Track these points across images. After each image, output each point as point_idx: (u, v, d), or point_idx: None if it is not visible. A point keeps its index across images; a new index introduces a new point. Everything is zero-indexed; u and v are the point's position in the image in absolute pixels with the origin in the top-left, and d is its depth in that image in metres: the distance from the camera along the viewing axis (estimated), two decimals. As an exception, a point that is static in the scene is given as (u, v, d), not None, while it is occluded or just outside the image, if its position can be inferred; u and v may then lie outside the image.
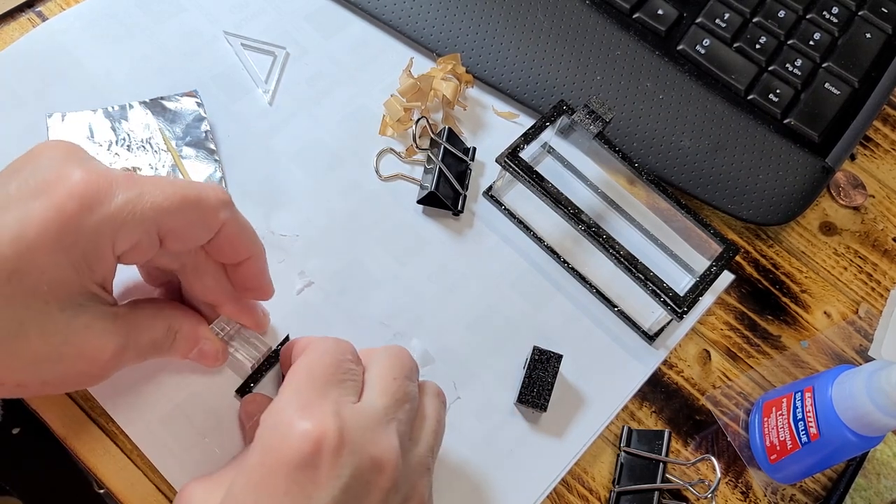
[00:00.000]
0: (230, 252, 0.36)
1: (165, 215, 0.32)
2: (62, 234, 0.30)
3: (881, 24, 0.57)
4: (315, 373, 0.33)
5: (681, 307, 0.43)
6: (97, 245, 0.31)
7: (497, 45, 0.53)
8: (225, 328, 0.39)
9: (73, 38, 0.49)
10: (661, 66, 0.53)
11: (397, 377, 0.35)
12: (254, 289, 0.39)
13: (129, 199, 0.31)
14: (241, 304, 0.39)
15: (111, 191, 0.31)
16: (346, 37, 0.53)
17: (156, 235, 0.33)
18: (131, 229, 0.32)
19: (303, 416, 0.31)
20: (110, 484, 0.39)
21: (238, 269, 0.37)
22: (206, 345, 0.38)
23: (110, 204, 0.31)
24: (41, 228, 0.30)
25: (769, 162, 0.52)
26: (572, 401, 0.45)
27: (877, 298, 0.52)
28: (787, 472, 0.44)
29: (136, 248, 0.33)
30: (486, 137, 0.52)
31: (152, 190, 0.32)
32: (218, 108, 0.49)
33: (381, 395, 0.34)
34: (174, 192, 0.33)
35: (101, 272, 0.32)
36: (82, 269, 0.31)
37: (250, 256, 0.37)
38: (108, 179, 0.31)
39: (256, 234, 0.37)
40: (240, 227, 0.36)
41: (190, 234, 0.34)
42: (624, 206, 0.50)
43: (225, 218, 0.35)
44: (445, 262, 0.47)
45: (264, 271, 0.39)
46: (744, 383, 0.48)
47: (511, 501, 0.42)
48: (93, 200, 0.31)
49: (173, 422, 0.40)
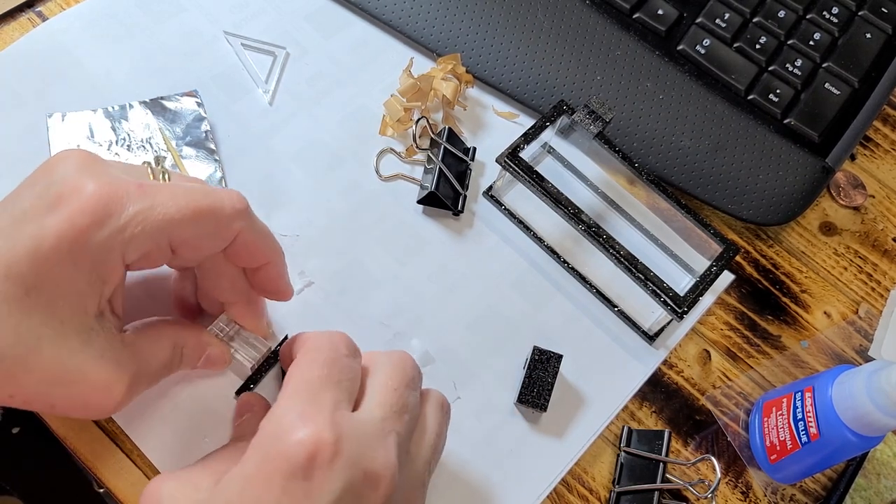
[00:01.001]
0: (247, 258, 0.36)
1: (177, 227, 0.32)
2: (75, 249, 0.30)
3: (881, 24, 0.57)
4: (311, 375, 0.33)
5: (681, 307, 0.43)
6: (108, 258, 0.31)
7: (497, 45, 0.53)
8: (224, 329, 0.39)
9: (73, 38, 0.49)
10: (661, 66, 0.53)
11: (398, 387, 0.34)
12: (273, 291, 0.39)
13: (139, 210, 0.31)
14: (252, 306, 0.39)
15: (122, 203, 0.31)
16: (346, 37, 0.53)
17: (167, 245, 0.33)
18: (141, 242, 0.32)
19: (299, 424, 0.30)
20: (110, 483, 0.39)
21: (257, 273, 0.38)
22: (212, 351, 0.38)
23: (120, 217, 0.31)
24: (55, 244, 0.30)
25: (769, 162, 0.52)
26: (572, 401, 0.45)
27: (877, 298, 0.52)
28: (787, 472, 0.44)
29: (146, 258, 0.33)
30: (486, 137, 0.52)
31: (165, 201, 0.32)
32: (218, 108, 0.49)
33: (380, 405, 0.33)
34: (187, 203, 0.32)
35: (112, 283, 0.32)
36: (95, 283, 0.31)
37: (269, 262, 0.37)
38: (120, 191, 0.31)
39: (274, 238, 0.37)
40: (256, 234, 0.36)
41: (203, 244, 0.34)
42: (624, 206, 0.50)
43: (239, 227, 0.34)
44: (445, 262, 0.47)
45: (283, 275, 0.39)
46: (744, 383, 0.48)
47: (511, 501, 0.42)
48: (104, 214, 0.31)
49: (173, 422, 0.40)
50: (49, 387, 0.31)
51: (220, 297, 0.38)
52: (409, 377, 0.35)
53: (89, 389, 0.32)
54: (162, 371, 0.36)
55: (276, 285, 0.39)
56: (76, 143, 0.45)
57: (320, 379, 0.33)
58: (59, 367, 0.31)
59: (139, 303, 0.39)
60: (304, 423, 0.30)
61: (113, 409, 0.33)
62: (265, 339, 0.41)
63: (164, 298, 0.41)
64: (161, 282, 0.41)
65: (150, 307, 0.39)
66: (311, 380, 0.33)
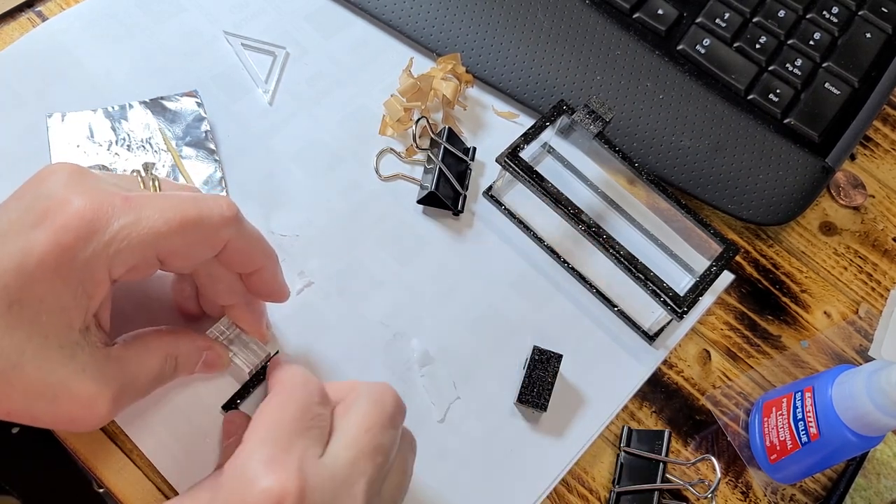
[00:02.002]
0: (240, 264, 0.36)
1: (163, 239, 0.32)
2: (60, 264, 0.30)
3: (881, 24, 0.57)
4: (281, 421, 0.33)
5: (681, 307, 0.43)
6: (93, 273, 0.31)
7: (497, 45, 0.53)
8: (225, 332, 0.39)
9: (73, 38, 0.49)
10: (661, 65, 0.53)
11: (371, 427, 0.33)
12: (268, 294, 0.39)
13: (124, 225, 0.31)
14: (251, 309, 0.39)
15: (108, 219, 0.31)
16: (346, 37, 0.53)
17: (154, 257, 0.33)
18: (127, 256, 0.31)
19: (266, 472, 0.30)
20: (110, 483, 0.39)
21: (251, 277, 0.37)
22: (210, 354, 0.38)
23: (105, 233, 0.31)
24: (40, 259, 0.30)
25: (769, 162, 0.52)
26: (572, 401, 0.45)
27: (877, 298, 0.52)
28: (787, 472, 0.44)
29: (133, 271, 0.32)
30: (486, 137, 0.52)
31: (151, 214, 0.32)
32: (218, 108, 0.49)
33: (349, 447, 0.33)
34: (174, 215, 0.32)
35: (98, 298, 0.32)
36: (80, 298, 0.31)
37: (261, 267, 0.37)
38: (105, 206, 0.31)
39: (266, 243, 0.37)
40: (246, 241, 0.35)
41: (192, 254, 0.34)
42: (624, 206, 0.50)
43: (229, 235, 0.34)
44: (445, 262, 0.47)
45: (276, 278, 0.38)
46: (744, 383, 0.48)
47: (511, 501, 0.42)
48: (88, 231, 0.30)
49: (173, 422, 0.40)
50: (32, 401, 0.31)
51: (219, 300, 0.38)
52: (388, 415, 0.34)
53: (72, 404, 0.32)
54: (153, 383, 0.36)
55: (271, 288, 0.38)
56: (76, 143, 0.45)
57: (291, 424, 0.32)
58: (42, 381, 0.31)
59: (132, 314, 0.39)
60: (270, 471, 0.30)
61: (98, 423, 0.33)
62: (264, 344, 0.40)
63: (160, 307, 0.41)
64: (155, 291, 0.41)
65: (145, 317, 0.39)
66: (282, 423, 0.32)
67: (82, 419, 0.33)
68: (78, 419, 0.32)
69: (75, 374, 0.31)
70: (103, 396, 0.32)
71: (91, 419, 0.33)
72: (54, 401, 0.31)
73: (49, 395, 0.31)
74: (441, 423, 0.43)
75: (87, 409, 0.32)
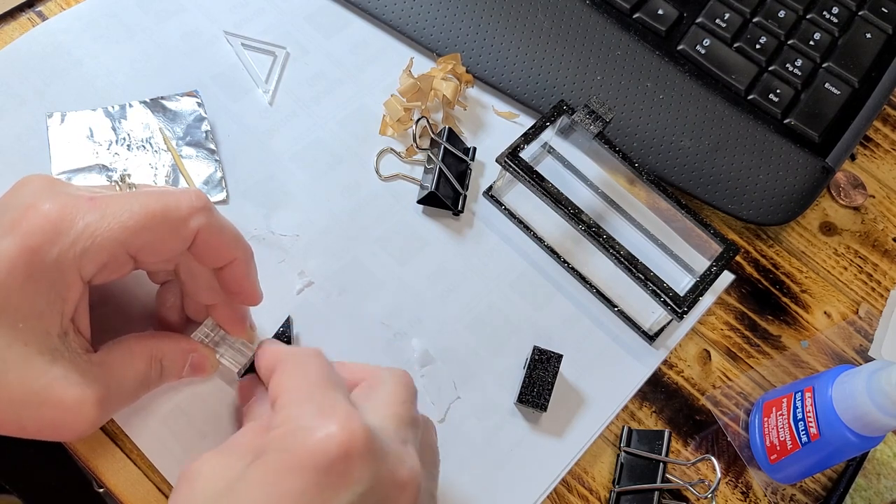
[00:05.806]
0: (212, 257, 0.35)
1: (130, 234, 0.32)
2: (30, 269, 0.30)
3: (881, 24, 0.57)
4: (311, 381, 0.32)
5: (681, 307, 0.43)
6: (64, 274, 0.31)
7: (497, 45, 0.53)
8: (209, 334, 0.39)
9: (73, 38, 0.49)
10: (661, 66, 0.53)
11: (405, 401, 0.34)
12: (239, 293, 0.37)
13: (89, 223, 0.31)
14: (233, 309, 0.39)
15: (73, 218, 0.31)
16: (346, 37, 0.53)
17: (125, 254, 0.32)
18: (95, 254, 0.31)
19: (323, 420, 0.30)
20: (110, 483, 0.39)
21: (223, 273, 0.37)
22: (195, 358, 0.38)
23: (70, 232, 0.31)
24: (10, 266, 0.30)
25: (769, 162, 0.52)
26: (572, 401, 0.45)
27: (877, 298, 0.52)
28: (787, 472, 0.44)
29: (105, 270, 0.32)
30: (486, 137, 0.52)
31: (116, 210, 0.32)
32: (218, 108, 0.49)
33: (392, 417, 0.33)
34: (139, 209, 0.32)
35: (72, 301, 0.32)
36: (54, 302, 0.31)
37: (234, 259, 0.36)
38: (69, 207, 0.31)
39: (241, 236, 0.36)
40: (217, 231, 0.35)
41: (162, 248, 0.33)
42: (624, 206, 0.50)
43: (198, 225, 0.34)
44: (445, 262, 0.47)
45: (249, 275, 0.37)
46: (744, 383, 0.48)
47: (511, 501, 0.42)
48: (55, 231, 0.31)
49: (173, 421, 0.40)
50: (17, 409, 0.31)
51: (199, 298, 0.38)
52: (413, 393, 0.35)
53: (58, 410, 0.32)
54: (139, 387, 0.35)
55: (242, 285, 0.37)
56: (76, 143, 0.45)
57: (325, 381, 0.32)
58: (26, 389, 0.31)
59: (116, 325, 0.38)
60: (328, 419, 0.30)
61: (86, 430, 0.33)
62: (251, 344, 0.40)
63: (143, 317, 0.40)
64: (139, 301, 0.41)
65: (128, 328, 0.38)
66: (315, 382, 0.32)
67: (69, 425, 0.32)
68: (64, 426, 0.32)
69: (58, 381, 0.31)
70: (88, 401, 0.32)
71: (78, 425, 0.32)
72: (40, 408, 0.31)
73: (34, 403, 0.31)
74: (441, 422, 0.43)
75: (73, 415, 0.32)
